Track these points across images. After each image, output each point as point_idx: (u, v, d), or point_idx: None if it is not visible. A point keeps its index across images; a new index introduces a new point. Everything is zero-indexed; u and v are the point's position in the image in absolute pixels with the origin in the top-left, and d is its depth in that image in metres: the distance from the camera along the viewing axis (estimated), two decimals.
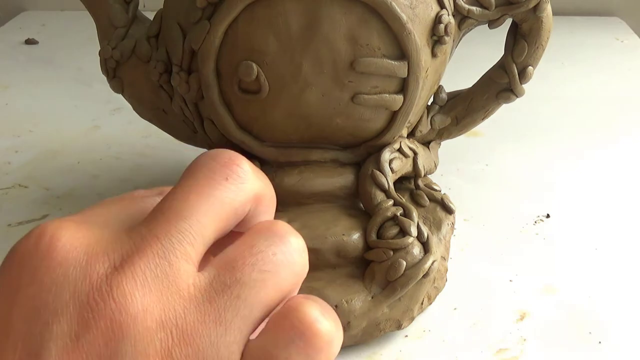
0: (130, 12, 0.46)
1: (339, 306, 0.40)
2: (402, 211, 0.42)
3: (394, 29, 0.39)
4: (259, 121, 0.43)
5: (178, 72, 0.43)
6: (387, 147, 0.44)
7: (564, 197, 0.57)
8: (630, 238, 0.52)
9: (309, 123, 0.42)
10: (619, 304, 0.46)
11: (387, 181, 0.43)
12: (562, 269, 0.49)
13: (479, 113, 0.49)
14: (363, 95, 0.41)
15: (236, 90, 0.41)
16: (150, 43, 0.45)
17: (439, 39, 0.42)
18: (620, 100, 0.75)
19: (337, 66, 0.40)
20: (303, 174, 0.44)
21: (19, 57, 0.86)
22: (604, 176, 0.60)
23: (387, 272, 0.40)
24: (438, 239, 0.45)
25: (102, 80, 0.49)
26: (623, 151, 0.65)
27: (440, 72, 0.45)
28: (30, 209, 0.56)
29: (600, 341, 0.43)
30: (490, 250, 0.51)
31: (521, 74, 0.46)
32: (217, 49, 0.40)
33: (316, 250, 0.41)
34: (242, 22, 0.39)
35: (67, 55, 0.85)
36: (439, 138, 0.50)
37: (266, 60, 0.40)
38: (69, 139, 0.66)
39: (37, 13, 1.00)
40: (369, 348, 0.42)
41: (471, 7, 0.44)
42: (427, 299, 0.44)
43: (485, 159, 0.63)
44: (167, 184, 0.21)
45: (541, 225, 0.54)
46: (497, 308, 0.45)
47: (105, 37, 0.46)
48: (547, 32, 0.45)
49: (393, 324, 0.42)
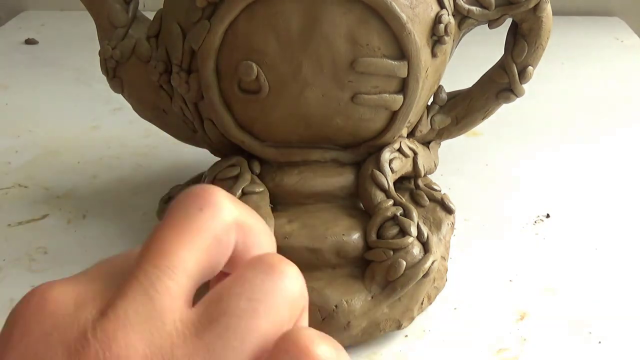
0: (130, 12, 0.46)
1: (339, 306, 0.40)
2: (402, 211, 0.42)
3: (394, 29, 0.39)
4: (259, 121, 0.43)
5: (178, 72, 0.43)
6: (387, 147, 0.44)
7: (564, 197, 0.57)
8: (630, 238, 0.52)
9: (309, 123, 0.42)
10: (619, 304, 0.46)
11: (387, 181, 0.43)
12: (562, 269, 0.49)
13: (479, 113, 0.49)
14: (363, 95, 0.41)
15: (236, 90, 0.41)
16: (150, 43, 0.45)
17: (439, 39, 0.42)
18: (620, 100, 0.75)
19: (337, 66, 0.40)
20: (303, 174, 0.44)
21: (19, 57, 0.85)
22: (604, 176, 0.60)
23: (387, 272, 0.40)
24: (438, 239, 0.45)
25: (102, 80, 0.49)
26: (623, 151, 0.65)
27: (440, 72, 0.45)
28: (30, 209, 0.56)
29: (600, 341, 0.43)
30: (490, 250, 0.51)
31: (521, 74, 0.46)
32: (217, 48, 0.40)
33: (316, 250, 0.41)
34: (242, 22, 0.39)
35: (67, 55, 0.85)
36: (439, 138, 0.50)
37: (266, 60, 0.40)
38: (69, 139, 0.66)
39: (37, 13, 1.00)
40: (369, 348, 0.42)
41: (471, 7, 0.44)
42: (427, 299, 0.44)
43: (485, 159, 0.63)
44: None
45: (541, 225, 0.54)
46: (497, 308, 0.45)
47: (105, 37, 0.46)
48: (547, 32, 0.45)
49: (393, 324, 0.42)
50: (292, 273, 0.19)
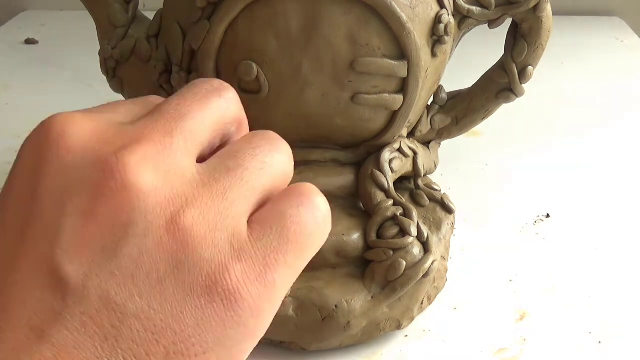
0: (130, 12, 0.46)
1: (339, 306, 0.40)
2: (402, 211, 0.42)
3: (394, 28, 0.39)
4: (259, 121, 0.43)
5: (178, 72, 0.43)
6: (387, 147, 0.44)
7: (564, 197, 0.57)
8: (630, 238, 0.52)
9: (309, 123, 0.42)
10: (619, 304, 0.46)
11: (387, 181, 0.43)
12: (562, 269, 0.49)
13: (479, 113, 0.49)
14: (363, 95, 0.41)
15: (236, 90, 0.41)
16: (150, 43, 0.45)
17: (439, 39, 0.42)
18: (620, 100, 0.75)
19: (337, 66, 0.40)
20: (303, 174, 0.44)
21: (19, 57, 0.85)
22: (603, 176, 0.60)
23: (387, 272, 0.40)
24: (438, 239, 0.45)
25: (102, 80, 0.49)
26: (623, 151, 0.65)
27: (440, 72, 0.45)
28: None
29: (600, 341, 0.43)
30: (490, 250, 0.51)
31: (521, 73, 0.46)
32: (217, 48, 0.40)
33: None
34: (242, 22, 0.39)
35: (67, 55, 0.85)
36: (439, 138, 0.50)
37: (266, 60, 0.40)
38: None
39: (37, 13, 1.00)
40: (369, 348, 0.42)
41: (471, 7, 0.44)
42: (427, 299, 0.44)
43: (485, 159, 0.63)
44: None
45: (541, 225, 0.54)
46: (497, 308, 0.45)
47: (105, 37, 0.46)
48: (547, 32, 0.45)
49: (393, 324, 0.42)
50: (289, 151, 0.22)
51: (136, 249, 0.18)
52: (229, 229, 0.19)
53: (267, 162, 0.21)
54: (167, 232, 0.18)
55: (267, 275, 0.19)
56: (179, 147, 0.20)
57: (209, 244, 0.19)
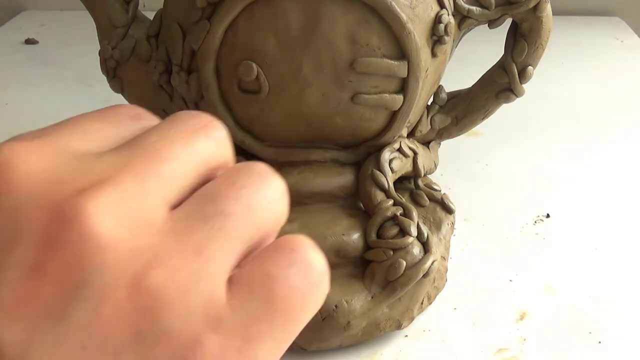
0: (130, 12, 0.46)
1: (339, 306, 0.40)
2: (402, 211, 0.42)
3: (394, 28, 0.39)
4: (259, 121, 0.43)
5: (178, 72, 0.43)
6: (387, 147, 0.44)
7: (564, 197, 0.57)
8: (630, 238, 0.52)
9: (309, 123, 0.42)
10: (619, 304, 0.46)
11: (387, 181, 0.43)
12: (562, 269, 0.49)
13: (479, 113, 0.49)
14: (363, 95, 0.41)
15: (236, 90, 0.41)
16: (150, 43, 0.45)
17: (439, 39, 0.42)
18: (620, 100, 0.75)
19: (337, 66, 0.40)
20: (303, 173, 0.44)
21: (19, 57, 0.85)
22: (603, 176, 0.60)
23: (387, 272, 0.40)
24: (438, 239, 0.45)
25: (102, 80, 0.49)
26: (623, 151, 0.65)
27: (440, 72, 0.45)
28: None
29: (600, 341, 0.43)
30: (490, 250, 0.51)
31: (521, 73, 0.46)
32: (217, 48, 0.40)
33: None
34: (242, 22, 0.39)
35: (67, 55, 0.85)
36: (439, 138, 0.50)
37: (266, 60, 0.40)
38: None
39: (37, 13, 1.00)
40: (369, 348, 0.42)
41: (471, 7, 0.44)
42: (427, 299, 0.44)
43: (485, 159, 0.63)
44: None
45: (541, 225, 0.54)
46: (497, 308, 0.45)
47: (105, 37, 0.46)
48: (547, 32, 0.45)
49: (393, 324, 0.42)
50: (281, 187, 0.20)
51: (89, 315, 0.15)
52: (204, 293, 0.16)
53: (253, 206, 0.18)
54: (129, 295, 0.15)
55: (249, 351, 0.16)
56: (151, 193, 0.16)
57: (180, 311, 0.15)
